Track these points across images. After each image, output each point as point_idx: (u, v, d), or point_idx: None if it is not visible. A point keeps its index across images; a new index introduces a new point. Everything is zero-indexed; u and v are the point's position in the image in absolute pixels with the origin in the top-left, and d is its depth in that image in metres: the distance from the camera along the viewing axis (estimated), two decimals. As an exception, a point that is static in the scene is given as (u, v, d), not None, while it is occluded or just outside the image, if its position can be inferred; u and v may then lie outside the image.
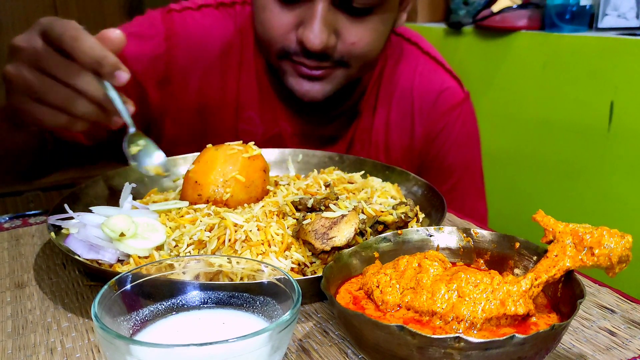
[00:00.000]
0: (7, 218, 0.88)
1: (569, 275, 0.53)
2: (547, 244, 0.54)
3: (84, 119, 0.72)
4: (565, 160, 1.67)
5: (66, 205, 0.70)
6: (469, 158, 1.23)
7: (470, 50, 1.90)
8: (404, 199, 0.80)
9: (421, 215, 0.74)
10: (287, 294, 0.47)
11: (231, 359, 0.39)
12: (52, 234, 0.68)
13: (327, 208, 0.69)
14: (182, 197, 0.77)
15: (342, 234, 0.64)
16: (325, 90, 1.02)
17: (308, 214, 0.68)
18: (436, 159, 1.18)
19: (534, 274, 0.52)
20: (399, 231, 0.62)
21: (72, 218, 0.69)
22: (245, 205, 0.76)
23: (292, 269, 0.64)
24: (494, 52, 1.82)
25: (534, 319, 0.51)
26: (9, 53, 0.71)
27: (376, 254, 0.60)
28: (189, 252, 0.66)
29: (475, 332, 0.48)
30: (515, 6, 1.75)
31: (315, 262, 0.65)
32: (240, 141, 0.81)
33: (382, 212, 0.70)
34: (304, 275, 0.64)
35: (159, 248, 0.67)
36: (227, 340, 0.39)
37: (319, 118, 1.15)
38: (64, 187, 1.01)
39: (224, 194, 0.75)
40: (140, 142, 0.76)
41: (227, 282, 0.53)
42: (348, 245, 0.63)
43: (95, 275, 0.67)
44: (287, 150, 1.00)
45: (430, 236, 0.62)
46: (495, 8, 1.77)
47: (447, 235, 0.62)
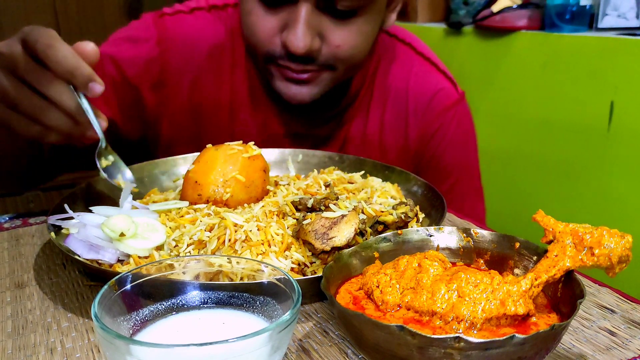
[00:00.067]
0: (7, 218, 0.88)
1: (569, 275, 0.53)
2: (547, 244, 0.54)
3: (57, 130, 0.72)
4: (565, 160, 1.67)
5: (66, 205, 0.70)
6: (465, 159, 1.22)
7: (470, 50, 1.90)
8: (404, 199, 0.80)
9: (421, 215, 0.74)
10: (287, 294, 0.47)
11: (231, 359, 0.39)
12: (52, 234, 0.68)
13: (327, 208, 0.69)
14: (182, 197, 0.77)
15: (342, 234, 0.64)
16: (312, 93, 1.02)
17: (308, 214, 0.68)
18: (432, 160, 1.18)
19: (534, 274, 0.52)
20: (399, 231, 0.62)
21: (72, 218, 0.69)
22: (245, 205, 0.75)
23: (292, 269, 0.64)
24: (494, 52, 1.82)
25: (534, 319, 0.51)
26: None
27: (376, 254, 0.60)
28: (189, 252, 0.66)
29: (475, 332, 0.48)
30: (515, 6, 1.75)
31: (315, 262, 0.65)
32: (240, 141, 0.81)
33: (382, 212, 0.70)
34: (304, 275, 0.64)
35: (159, 248, 0.67)
36: (227, 340, 0.39)
37: (312, 119, 1.15)
38: (64, 187, 1.01)
39: (224, 194, 0.75)
40: (109, 157, 0.78)
41: (227, 282, 0.53)
42: (348, 245, 0.63)
43: (95, 275, 0.67)
44: (287, 150, 1.00)
45: (430, 236, 0.62)
46: (495, 8, 1.77)
47: (447, 235, 0.62)
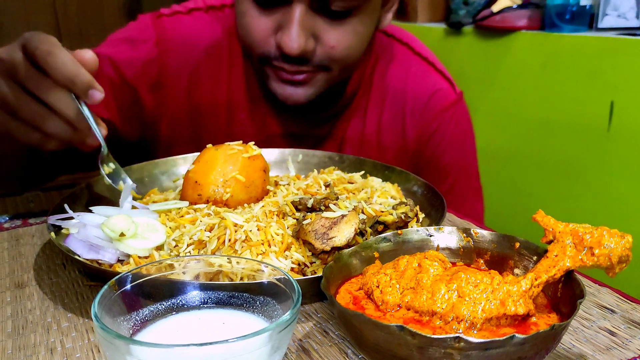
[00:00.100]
0: (7, 218, 0.88)
1: (569, 275, 0.53)
2: (547, 244, 0.54)
3: (56, 137, 0.72)
4: (565, 160, 1.67)
5: (66, 205, 0.70)
6: (464, 159, 1.22)
7: (470, 50, 1.90)
8: (404, 199, 0.80)
9: (421, 215, 0.74)
10: (287, 294, 0.47)
11: (231, 359, 0.39)
12: (52, 234, 0.68)
13: (327, 208, 0.69)
14: (182, 197, 0.77)
15: (342, 234, 0.64)
16: (307, 94, 1.02)
17: (308, 214, 0.68)
18: (431, 160, 1.18)
19: (534, 274, 0.52)
20: (399, 231, 0.62)
21: (72, 218, 0.69)
22: (245, 205, 0.75)
23: (292, 269, 0.64)
24: (494, 52, 1.82)
25: (534, 319, 0.50)
26: None
27: (376, 254, 0.60)
28: (189, 252, 0.66)
29: (475, 332, 0.48)
30: (515, 6, 1.75)
31: (315, 262, 0.65)
32: (240, 141, 0.81)
33: (382, 212, 0.70)
34: (304, 275, 0.64)
35: (159, 248, 0.67)
36: (227, 340, 0.39)
37: (309, 119, 1.15)
38: (64, 187, 1.01)
39: (224, 194, 0.75)
40: (110, 164, 0.79)
41: (227, 282, 0.53)
42: (348, 245, 0.63)
43: (95, 275, 0.67)
44: (287, 150, 1.00)
45: (430, 236, 0.62)
46: (495, 8, 1.77)
47: (447, 235, 0.62)
